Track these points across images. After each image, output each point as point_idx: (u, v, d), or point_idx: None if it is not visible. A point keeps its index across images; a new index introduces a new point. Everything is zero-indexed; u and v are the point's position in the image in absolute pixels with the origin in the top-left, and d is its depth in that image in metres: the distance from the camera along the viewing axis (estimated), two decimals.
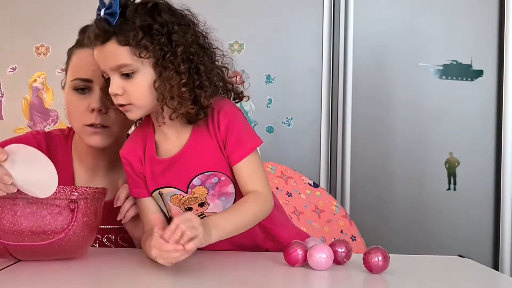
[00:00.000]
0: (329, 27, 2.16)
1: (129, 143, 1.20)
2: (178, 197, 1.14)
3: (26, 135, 1.38)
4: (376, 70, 2.18)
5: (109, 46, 1.06)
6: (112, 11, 1.04)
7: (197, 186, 1.13)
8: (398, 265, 1.09)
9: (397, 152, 2.17)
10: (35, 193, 1.01)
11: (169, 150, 1.15)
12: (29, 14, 2.16)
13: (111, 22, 1.04)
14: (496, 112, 2.17)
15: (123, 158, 1.19)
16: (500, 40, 2.16)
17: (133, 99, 1.08)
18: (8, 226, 1.01)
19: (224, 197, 1.15)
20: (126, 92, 1.07)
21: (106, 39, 1.05)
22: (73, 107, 1.29)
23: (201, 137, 1.13)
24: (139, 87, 1.07)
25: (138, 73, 1.07)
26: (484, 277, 1.11)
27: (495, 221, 2.16)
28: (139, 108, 1.09)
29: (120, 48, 1.05)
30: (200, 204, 1.15)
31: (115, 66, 1.06)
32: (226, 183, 1.14)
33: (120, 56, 1.05)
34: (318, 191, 1.77)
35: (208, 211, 1.16)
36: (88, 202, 1.07)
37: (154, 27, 1.05)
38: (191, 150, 1.13)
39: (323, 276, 1.03)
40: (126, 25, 1.04)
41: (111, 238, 1.33)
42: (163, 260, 0.95)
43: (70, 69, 1.31)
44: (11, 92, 2.20)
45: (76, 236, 1.05)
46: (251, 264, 1.13)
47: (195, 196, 1.14)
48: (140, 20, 1.05)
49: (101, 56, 1.08)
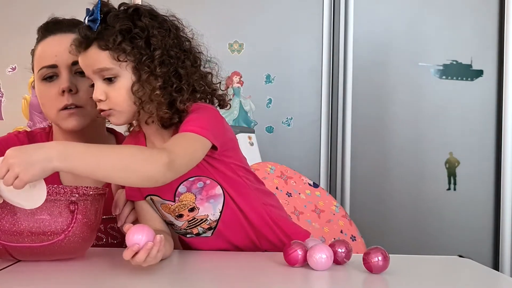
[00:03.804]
0: (329, 27, 2.16)
1: None
2: (167, 206, 1.15)
3: (8, 136, 1.38)
4: (376, 70, 2.18)
5: (91, 52, 1.07)
6: (93, 17, 1.06)
7: (184, 193, 1.13)
8: (398, 265, 1.09)
9: (397, 152, 2.17)
10: (22, 205, 0.99)
11: None
12: (29, 14, 2.17)
13: (92, 28, 1.06)
14: (496, 112, 2.17)
15: None
16: (500, 40, 2.16)
17: (114, 104, 1.08)
18: (7, 226, 1.01)
19: (213, 199, 1.15)
20: (108, 98, 1.08)
21: (88, 45, 1.07)
22: (44, 96, 1.31)
23: None
24: (120, 92, 1.08)
25: (120, 78, 1.07)
26: (484, 277, 1.11)
27: (495, 221, 2.16)
28: (120, 113, 1.09)
29: (101, 53, 1.07)
30: (190, 210, 1.15)
31: (97, 70, 1.08)
32: (212, 186, 1.14)
33: (101, 60, 1.07)
34: (318, 191, 1.77)
35: (199, 215, 1.16)
36: (88, 203, 1.07)
37: (133, 31, 1.06)
38: None
39: (323, 276, 1.03)
40: (107, 30, 1.06)
41: (101, 228, 1.33)
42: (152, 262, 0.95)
43: (35, 64, 1.32)
44: (11, 92, 2.20)
45: (76, 237, 1.05)
46: (251, 264, 1.13)
47: (183, 203, 1.14)
48: (120, 25, 1.06)
49: (85, 62, 1.09)
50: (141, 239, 0.94)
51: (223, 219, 1.17)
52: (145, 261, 0.95)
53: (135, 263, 0.96)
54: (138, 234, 0.95)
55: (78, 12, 1.40)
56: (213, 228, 1.18)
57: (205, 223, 1.17)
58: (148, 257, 0.94)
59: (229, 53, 2.19)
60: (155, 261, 0.96)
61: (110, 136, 1.44)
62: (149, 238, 0.95)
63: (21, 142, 1.35)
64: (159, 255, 0.96)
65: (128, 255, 0.94)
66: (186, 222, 1.17)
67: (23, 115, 2.21)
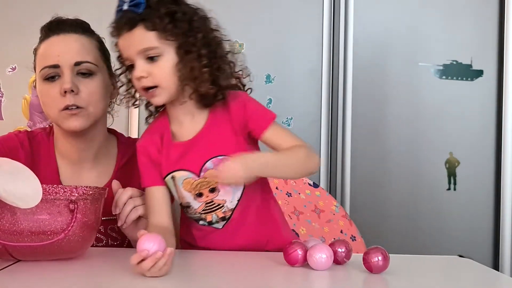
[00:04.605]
0: (329, 27, 2.16)
1: (146, 134, 1.25)
2: (189, 181, 1.18)
3: (8, 135, 1.38)
4: (376, 70, 2.18)
5: (137, 32, 1.13)
6: (136, 2, 1.12)
7: (210, 170, 1.17)
8: (398, 265, 1.09)
9: (397, 152, 2.17)
10: (18, 204, 1.00)
11: (185, 136, 1.20)
12: (30, 14, 2.17)
13: (136, 11, 1.12)
14: (496, 112, 2.17)
15: (140, 147, 1.23)
16: (500, 40, 2.16)
17: (159, 80, 1.14)
18: (7, 226, 1.01)
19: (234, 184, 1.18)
20: (151, 75, 1.14)
21: (133, 26, 1.13)
22: (46, 96, 1.30)
23: (218, 122, 1.20)
24: (164, 69, 1.14)
25: (163, 57, 1.14)
26: (484, 277, 1.11)
27: (495, 221, 2.16)
28: (164, 90, 1.15)
29: (147, 33, 1.13)
30: (210, 190, 1.18)
31: (142, 50, 1.13)
32: None
33: (147, 40, 1.13)
34: (318, 191, 1.77)
35: (217, 198, 1.19)
36: (87, 203, 1.07)
37: (177, 15, 1.15)
38: (207, 133, 1.19)
39: (323, 276, 1.03)
40: (152, 12, 1.13)
41: (101, 230, 1.33)
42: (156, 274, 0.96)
43: (37, 63, 1.33)
44: (11, 92, 2.20)
45: (75, 236, 1.05)
46: (251, 264, 1.13)
47: (207, 180, 1.17)
48: (165, 8, 1.14)
49: (128, 42, 1.14)
50: (152, 247, 0.94)
51: (239, 209, 1.20)
52: (150, 270, 0.95)
53: (140, 270, 0.95)
54: (150, 242, 0.95)
55: (78, 12, 1.41)
56: (226, 220, 1.20)
57: (220, 210, 1.19)
58: (154, 267, 0.94)
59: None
60: (159, 273, 0.96)
61: (111, 137, 1.44)
62: (160, 248, 0.95)
63: (21, 141, 1.35)
64: (165, 268, 0.96)
65: (135, 260, 0.95)
66: (204, 204, 1.19)
67: (23, 115, 2.21)
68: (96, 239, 1.31)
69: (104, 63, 1.35)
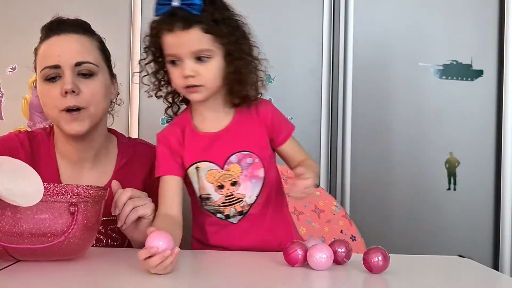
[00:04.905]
0: (329, 27, 2.16)
1: (167, 127, 1.28)
2: (213, 173, 1.22)
3: (9, 135, 1.38)
4: (376, 70, 2.18)
5: (193, 32, 1.17)
6: (191, 2, 1.16)
7: (233, 164, 1.23)
8: (398, 265, 1.09)
9: (397, 152, 2.17)
10: (19, 203, 1.00)
11: (208, 130, 1.25)
12: (30, 14, 2.16)
13: (192, 11, 1.16)
14: (496, 112, 2.17)
15: (161, 137, 1.26)
16: (500, 40, 2.16)
17: (205, 80, 1.19)
18: (8, 228, 1.01)
19: (254, 179, 1.24)
20: (199, 75, 1.18)
21: (189, 26, 1.16)
22: (46, 96, 1.30)
23: (245, 120, 1.26)
24: (211, 70, 1.19)
25: (212, 59, 1.19)
26: (484, 277, 1.11)
27: (495, 221, 2.16)
28: (208, 89, 1.20)
29: (203, 35, 1.17)
30: (232, 183, 1.23)
31: (196, 51, 1.17)
32: (258, 166, 1.24)
33: (202, 42, 1.17)
34: (318, 191, 1.77)
35: (238, 192, 1.23)
36: (88, 205, 1.07)
37: (229, 20, 1.21)
38: (234, 129, 1.25)
39: (323, 276, 1.03)
40: (208, 15, 1.17)
41: (101, 230, 1.33)
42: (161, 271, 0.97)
43: (38, 63, 1.32)
44: (11, 92, 2.20)
45: (76, 239, 1.04)
46: (251, 264, 1.13)
47: (230, 173, 1.23)
48: (219, 13, 1.19)
49: (181, 40, 1.17)
50: (161, 245, 0.96)
51: (256, 206, 1.24)
52: (156, 267, 0.96)
53: (146, 266, 0.96)
54: (159, 240, 0.96)
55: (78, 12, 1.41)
56: (243, 215, 1.24)
57: (239, 204, 1.24)
58: (160, 264, 0.95)
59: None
60: (164, 271, 0.97)
61: (111, 137, 1.44)
62: (168, 247, 0.96)
63: (21, 141, 1.35)
64: (170, 267, 0.97)
65: (143, 255, 0.96)
66: (224, 197, 1.23)
67: (23, 115, 2.21)
68: (96, 239, 1.31)
69: (104, 63, 1.35)
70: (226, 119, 1.26)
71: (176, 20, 1.16)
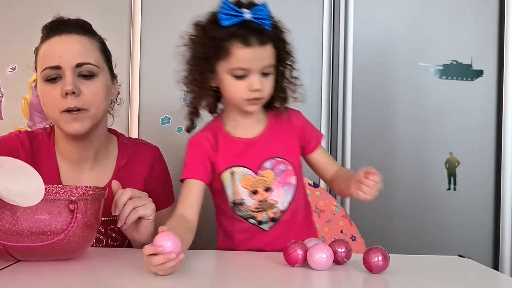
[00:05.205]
0: (329, 27, 2.16)
1: (200, 132, 1.30)
2: (248, 178, 1.24)
3: (9, 136, 1.38)
4: (376, 70, 2.17)
5: (268, 48, 1.21)
6: (263, 16, 1.20)
7: (267, 170, 1.25)
8: (398, 265, 1.09)
9: (397, 152, 2.17)
10: (19, 203, 0.99)
11: (241, 134, 1.28)
12: (29, 14, 2.16)
13: (265, 27, 1.20)
14: (496, 112, 2.17)
15: (193, 140, 1.28)
16: (500, 40, 2.16)
17: (266, 94, 1.23)
18: (7, 226, 1.01)
19: (287, 186, 1.26)
20: (264, 89, 1.22)
21: (266, 42, 1.20)
22: (47, 97, 1.30)
23: (278, 127, 1.29)
24: (271, 84, 1.24)
25: (272, 73, 1.24)
26: (484, 277, 1.11)
27: (495, 221, 2.16)
28: (264, 101, 1.25)
29: (273, 51, 1.22)
30: (266, 189, 1.24)
31: (267, 66, 1.21)
32: (290, 173, 1.27)
33: (272, 58, 1.22)
34: (318, 191, 1.77)
35: (271, 198, 1.25)
36: (88, 203, 1.07)
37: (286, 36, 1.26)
38: (268, 135, 1.28)
39: (323, 276, 1.03)
40: (278, 33, 1.23)
41: (101, 230, 1.33)
42: (161, 272, 0.97)
43: (38, 63, 1.32)
44: (11, 92, 2.19)
45: (75, 237, 1.05)
46: (251, 264, 1.13)
47: (264, 178, 1.25)
48: (281, 30, 1.25)
49: (257, 55, 1.19)
50: (168, 247, 0.96)
51: (288, 212, 1.26)
52: (157, 266, 0.95)
53: (148, 263, 0.96)
54: (168, 241, 0.96)
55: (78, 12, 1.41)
56: (275, 221, 1.26)
57: (271, 210, 1.25)
58: (162, 265, 0.95)
59: None
60: (163, 273, 0.97)
61: (112, 137, 1.44)
62: (175, 250, 0.96)
63: (21, 141, 1.35)
64: (170, 270, 0.97)
65: (149, 251, 0.96)
66: (257, 202, 1.25)
67: (23, 115, 2.21)
68: (96, 239, 1.31)
69: (105, 64, 1.35)
70: (259, 126, 1.29)
71: (251, 34, 1.18)
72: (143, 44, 2.15)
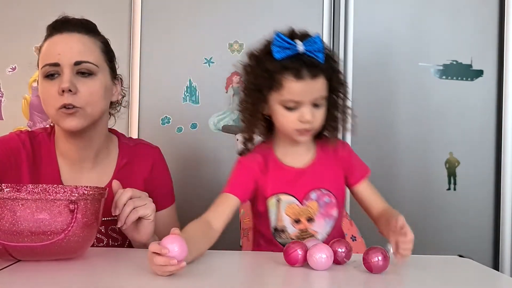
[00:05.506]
0: (329, 27, 2.16)
1: (251, 154, 1.30)
2: (293, 207, 1.27)
3: (10, 135, 1.38)
4: (376, 70, 2.17)
5: (320, 81, 1.21)
6: (317, 48, 1.19)
7: (312, 201, 1.28)
8: (398, 265, 1.09)
9: (397, 152, 2.17)
10: None
11: (290, 162, 1.30)
12: (30, 14, 2.16)
13: (318, 59, 1.20)
14: (496, 112, 2.17)
15: (244, 161, 1.29)
16: (500, 40, 2.16)
17: (317, 125, 1.24)
18: (7, 226, 1.01)
19: (328, 218, 1.29)
20: (315, 120, 1.22)
21: (318, 75, 1.20)
22: (45, 93, 1.30)
23: (326, 158, 1.31)
24: (322, 115, 1.24)
25: (323, 105, 1.24)
26: (484, 277, 1.11)
27: (495, 221, 2.16)
28: (315, 131, 1.26)
29: (325, 83, 1.22)
30: (308, 219, 1.28)
31: (319, 98, 1.22)
32: (333, 206, 1.29)
33: (324, 90, 1.22)
34: None
35: (312, 228, 1.28)
36: (88, 203, 1.07)
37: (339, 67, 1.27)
38: (316, 166, 1.29)
39: (323, 276, 1.03)
40: (331, 65, 1.23)
41: (101, 230, 1.33)
42: (159, 273, 0.97)
43: (40, 60, 1.33)
44: (11, 92, 2.20)
45: (75, 237, 1.04)
46: (251, 264, 1.13)
47: (308, 209, 1.27)
48: (335, 62, 1.25)
49: (308, 88, 1.20)
50: (173, 251, 0.96)
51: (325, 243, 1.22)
52: (156, 266, 0.96)
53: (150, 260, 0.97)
54: (175, 245, 0.97)
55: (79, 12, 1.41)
56: None
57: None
58: (162, 266, 0.96)
59: (229, 53, 2.19)
60: (161, 274, 0.97)
61: (112, 137, 1.44)
62: (179, 255, 0.96)
63: (22, 141, 1.35)
64: (168, 274, 0.97)
65: (154, 249, 0.96)
66: (299, 231, 1.27)
67: (23, 115, 2.21)
68: (96, 239, 1.31)
69: (106, 64, 1.35)
70: (308, 155, 1.31)
71: (303, 67, 1.18)
72: (143, 44, 2.15)
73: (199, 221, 1.18)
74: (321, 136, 1.31)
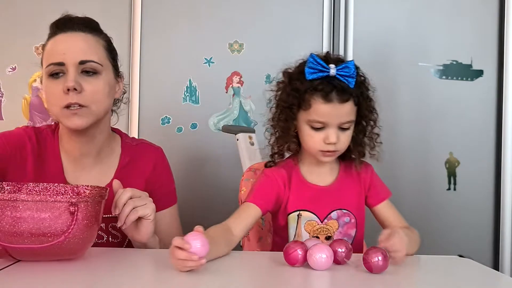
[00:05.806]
0: (329, 27, 2.16)
1: (276, 168, 1.33)
2: (312, 224, 1.29)
3: (16, 130, 1.38)
4: (376, 70, 2.16)
5: (347, 105, 1.23)
6: (350, 74, 1.22)
7: (333, 220, 1.30)
8: (398, 265, 1.09)
9: (397, 152, 2.17)
10: None
11: (314, 180, 1.32)
12: (29, 14, 2.16)
13: (349, 85, 1.22)
14: (496, 112, 2.17)
15: (269, 173, 1.32)
16: (500, 40, 2.16)
17: (342, 147, 1.26)
18: (8, 228, 1.01)
19: (346, 238, 1.30)
20: (340, 142, 1.24)
21: (346, 99, 1.22)
22: (50, 92, 1.30)
23: (348, 178, 1.33)
24: (349, 138, 1.26)
25: (351, 128, 1.26)
26: (484, 277, 1.11)
27: (495, 221, 2.16)
28: (339, 153, 1.28)
29: (354, 108, 1.24)
30: (327, 237, 1.29)
31: (345, 122, 1.24)
32: (353, 226, 1.31)
33: (352, 114, 1.25)
34: None
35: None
36: (88, 205, 1.06)
37: (369, 93, 1.29)
38: (340, 185, 1.32)
39: (323, 276, 1.03)
40: (360, 91, 1.25)
41: (102, 227, 1.33)
42: (178, 267, 0.98)
43: (44, 59, 1.33)
44: (11, 92, 2.20)
45: (76, 238, 1.04)
46: (251, 264, 1.13)
47: (328, 227, 1.29)
48: (365, 87, 1.27)
49: (336, 112, 1.22)
50: (196, 248, 0.97)
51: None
52: (176, 260, 0.98)
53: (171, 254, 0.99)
54: (198, 241, 0.98)
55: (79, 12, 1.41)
56: None
57: None
58: (182, 261, 0.97)
59: (229, 53, 2.19)
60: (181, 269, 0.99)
61: (115, 136, 1.44)
62: (200, 252, 0.98)
63: (28, 136, 1.36)
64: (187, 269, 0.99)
65: (178, 243, 0.98)
66: None
67: (23, 115, 2.21)
68: (97, 236, 1.31)
69: (110, 62, 1.35)
70: (331, 175, 1.33)
71: (333, 90, 1.20)
72: (143, 44, 2.15)
73: (221, 226, 1.20)
74: (346, 157, 1.33)
